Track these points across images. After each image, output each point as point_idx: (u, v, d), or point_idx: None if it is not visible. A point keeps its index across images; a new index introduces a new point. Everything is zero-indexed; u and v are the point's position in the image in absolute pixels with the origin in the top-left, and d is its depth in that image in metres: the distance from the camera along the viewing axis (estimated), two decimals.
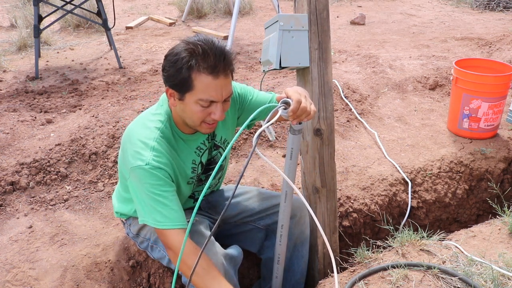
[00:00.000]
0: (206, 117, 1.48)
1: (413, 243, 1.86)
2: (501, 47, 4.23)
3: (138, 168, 1.47)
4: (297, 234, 1.86)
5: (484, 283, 1.60)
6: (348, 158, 2.71)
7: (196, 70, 1.40)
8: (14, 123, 2.82)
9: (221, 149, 1.75)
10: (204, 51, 1.39)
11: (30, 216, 2.19)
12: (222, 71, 1.42)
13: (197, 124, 1.50)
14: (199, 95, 1.43)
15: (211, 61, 1.40)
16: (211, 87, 1.42)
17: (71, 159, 2.48)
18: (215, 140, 1.72)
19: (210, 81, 1.41)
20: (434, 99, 3.46)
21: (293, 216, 1.80)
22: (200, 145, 1.65)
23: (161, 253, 1.71)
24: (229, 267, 1.61)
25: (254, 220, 1.88)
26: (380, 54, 4.15)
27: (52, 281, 1.85)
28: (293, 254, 1.90)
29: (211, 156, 1.73)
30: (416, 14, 5.90)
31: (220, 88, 1.43)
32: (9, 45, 4.61)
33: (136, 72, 3.89)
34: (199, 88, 1.42)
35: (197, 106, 1.45)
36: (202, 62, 1.40)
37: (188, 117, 1.50)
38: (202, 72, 1.40)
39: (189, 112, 1.47)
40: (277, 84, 3.33)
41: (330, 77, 1.71)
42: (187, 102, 1.46)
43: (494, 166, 2.75)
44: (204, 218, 1.77)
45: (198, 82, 1.41)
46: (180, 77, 1.42)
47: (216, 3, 5.88)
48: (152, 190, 1.47)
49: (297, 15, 1.62)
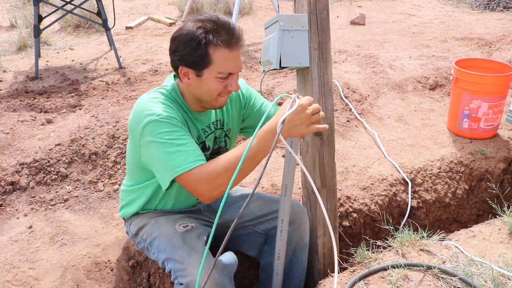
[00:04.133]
0: (223, 90, 1.53)
1: (413, 243, 1.86)
2: (501, 47, 4.23)
3: (149, 122, 1.46)
4: (296, 240, 1.85)
5: (484, 283, 1.59)
6: (348, 158, 2.71)
7: (213, 45, 1.45)
8: (14, 123, 2.82)
9: (227, 138, 1.78)
10: (216, 27, 1.46)
11: (30, 216, 2.19)
12: (236, 44, 1.49)
13: (214, 98, 1.54)
14: (218, 68, 1.48)
15: (225, 35, 1.46)
16: (230, 60, 1.48)
17: (71, 159, 2.48)
18: (223, 129, 1.75)
19: (227, 54, 1.47)
20: (434, 99, 3.46)
21: (293, 222, 1.79)
22: (206, 128, 1.68)
23: (155, 256, 1.68)
24: (221, 276, 1.55)
25: (253, 225, 1.87)
26: (380, 54, 4.15)
27: (52, 281, 1.85)
28: (292, 260, 1.89)
29: (217, 145, 1.75)
30: (416, 14, 5.90)
31: (237, 60, 1.51)
32: (9, 45, 4.61)
33: (136, 72, 3.89)
34: (218, 62, 1.47)
35: (216, 80, 1.50)
36: (218, 37, 1.46)
37: (205, 92, 1.53)
38: (219, 46, 1.46)
39: (207, 87, 1.51)
40: (277, 84, 3.33)
41: (330, 77, 1.71)
42: (206, 77, 1.50)
43: (494, 166, 2.75)
44: (200, 224, 1.72)
45: (216, 56, 1.46)
46: (198, 54, 1.46)
47: (216, 3, 5.88)
48: (168, 137, 1.45)
49: (297, 15, 1.62)
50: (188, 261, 1.52)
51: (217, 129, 1.73)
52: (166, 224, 1.66)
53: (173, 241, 1.60)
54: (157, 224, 1.68)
